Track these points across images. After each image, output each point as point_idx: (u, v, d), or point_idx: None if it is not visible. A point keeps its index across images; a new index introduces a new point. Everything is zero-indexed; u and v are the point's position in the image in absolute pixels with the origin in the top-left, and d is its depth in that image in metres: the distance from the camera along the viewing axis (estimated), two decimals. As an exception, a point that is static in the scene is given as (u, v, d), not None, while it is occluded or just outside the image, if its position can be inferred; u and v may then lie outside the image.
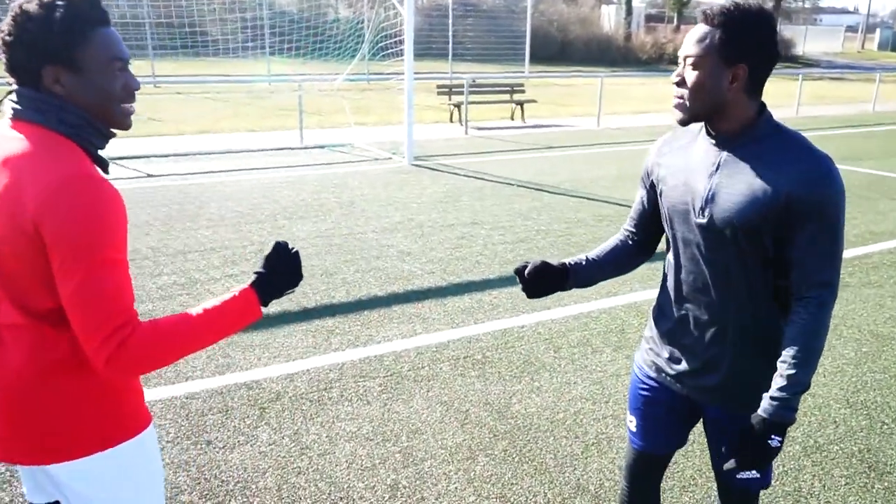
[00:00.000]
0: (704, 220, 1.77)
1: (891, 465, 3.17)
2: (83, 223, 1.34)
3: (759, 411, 1.68)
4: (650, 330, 2.07)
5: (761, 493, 2.05)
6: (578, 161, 10.63)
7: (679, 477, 3.06)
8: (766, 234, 1.71)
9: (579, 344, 4.33)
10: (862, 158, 11.18)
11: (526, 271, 1.94)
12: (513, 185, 8.75)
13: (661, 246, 2.07)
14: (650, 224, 2.04)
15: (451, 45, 24.22)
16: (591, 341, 4.37)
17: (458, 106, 14.23)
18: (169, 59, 20.57)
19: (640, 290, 5.24)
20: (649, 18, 42.83)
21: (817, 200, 1.64)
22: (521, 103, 14.85)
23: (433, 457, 3.17)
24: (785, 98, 19.74)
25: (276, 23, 21.64)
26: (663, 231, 2.01)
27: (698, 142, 1.83)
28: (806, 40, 42.63)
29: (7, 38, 1.42)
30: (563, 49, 32.80)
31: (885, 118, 16.76)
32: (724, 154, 1.76)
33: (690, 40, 1.72)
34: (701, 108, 1.72)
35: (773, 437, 1.66)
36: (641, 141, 12.65)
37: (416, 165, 9.87)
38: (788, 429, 1.76)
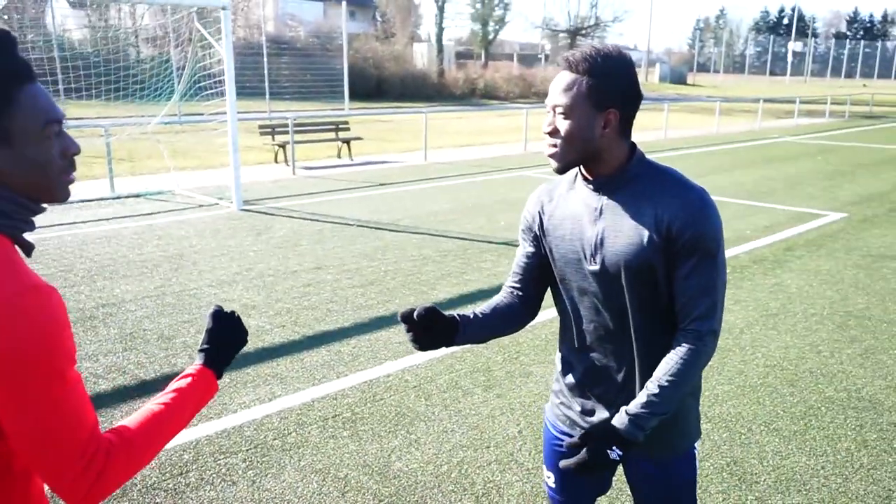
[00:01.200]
0: (597, 267, 1.74)
1: (756, 473, 3.34)
2: (31, 348, 1.08)
3: (613, 420, 1.68)
4: (557, 383, 2.00)
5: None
6: (412, 197, 10.67)
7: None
8: (659, 272, 1.69)
9: (449, 388, 4.22)
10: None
11: (415, 314, 1.69)
12: (352, 225, 8.56)
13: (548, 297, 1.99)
14: (537, 278, 1.93)
15: (267, 83, 23.65)
16: (460, 383, 4.28)
17: (282, 146, 13.82)
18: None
19: (497, 324, 5.24)
20: (459, 55, 44.74)
21: (695, 234, 1.65)
22: (347, 141, 14.72)
23: (317, 536, 2.89)
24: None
25: (69, 63, 19.93)
26: (549, 284, 1.94)
27: (577, 188, 1.81)
28: (598, 74, 46.71)
29: None
30: (379, 85, 33.26)
31: (676, 143, 18.61)
32: (604, 199, 1.74)
33: (557, 89, 1.69)
34: (576, 155, 1.70)
35: (614, 448, 1.66)
36: (469, 174, 13.00)
37: (246, 210, 9.38)
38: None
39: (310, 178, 12.32)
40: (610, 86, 1.66)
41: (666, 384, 1.65)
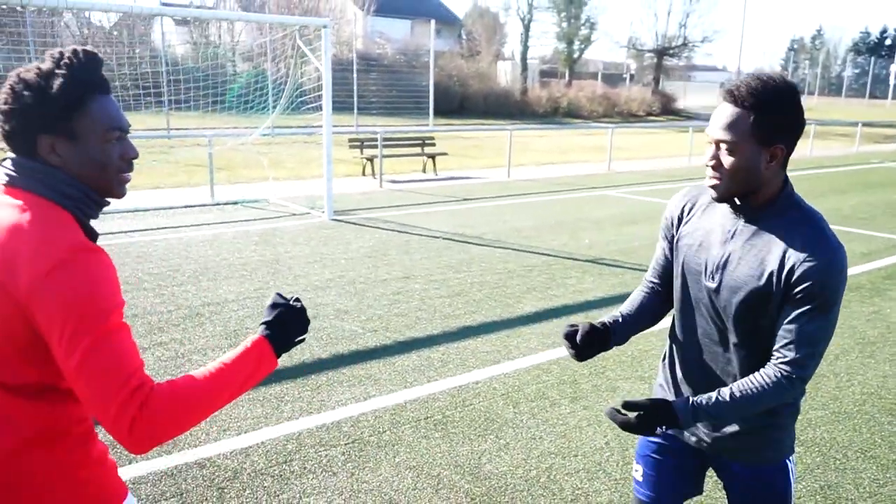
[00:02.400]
0: (714, 285, 1.82)
1: (852, 499, 3.29)
2: (84, 295, 1.28)
3: (673, 402, 1.73)
4: (662, 378, 2.09)
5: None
6: (495, 212, 10.81)
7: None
8: (770, 307, 1.74)
9: (536, 397, 4.31)
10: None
11: (578, 337, 1.88)
12: (438, 237, 8.77)
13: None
14: (671, 271, 2.02)
15: (356, 98, 24.37)
16: (548, 394, 4.37)
17: (370, 159, 14.25)
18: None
19: (583, 339, 5.30)
20: (543, 74, 44.82)
21: (816, 285, 1.65)
22: (432, 156, 15.04)
23: (413, 528, 3.04)
24: (676, 149, 21.01)
25: (172, 77, 21.10)
26: None
27: (718, 205, 1.86)
28: (685, 95, 45.80)
29: (3, 106, 1.36)
30: (462, 102, 33.69)
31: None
32: (741, 223, 1.79)
33: (720, 123, 1.68)
34: (738, 188, 1.73)
35: (662, 427, 1.71)
36: (552, 192, 13.05)
37: (337, 220, 9.74)
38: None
39: (396, 191, 12.65)
40: (778, 122, 1.66)
41: (738, 396, 1.70)
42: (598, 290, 6.61)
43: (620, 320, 2.00)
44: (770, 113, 1.65)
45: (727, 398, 1.71)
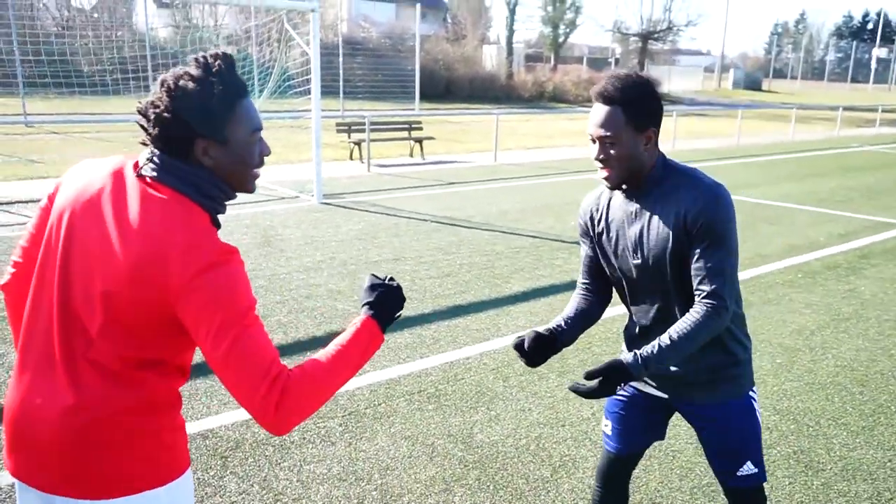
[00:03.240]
0: (640, 261, 2.06)
1: (823, 462, 3.49)
2: (228, 294, 1.42)
3: (623, 357, 1.89)
4: (626, 345, 2.28)
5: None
6: (482, 196, 10.95)
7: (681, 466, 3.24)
8: (683, 258, 1.97)
9: (525, 372, 4.48)
10: (740, 187, 12.19)
11: (526, 345, 2.09)
12: (427, 220, 8.91)
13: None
14: (601, 272, 2.25)
15: (341, 83, 24.33)
16: (536, 368, 4.53)
17: (358, 143, 14.32)
18: (39, 96, 19.42)
19: (569, 317, 5.48)
20: (529, 58, 44.84)
21: (705, 221, 1.91)
22: (419, 140, 15.13)
23: (410, 491, 3.20)
24: (663, 133, 21.18)
25: (159, 60, 20.98)
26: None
27: (615, 195, 2.12)
28: (670, 80, 45.99)
29: (164, 114, 1.47)
30: (448, 86, 33.69)
31: (749, 150, 18.36)
32: (635, 204, 2.05)
33: (597, 123, 1.96)
34: (628, 174, 1.99)
35: (621, 383, 1.89)
36: (538, 175, 13.21)
37: (326, 203, 9.85)
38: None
39: (384, 175, 12.75)
40: (645, 109, 1.96)
41: (676, 338, 1.89)
42: (583, 270, 6.78)
43: (563, 326, 2.20)
44: (638, 105, 1.93)
45: (668, 342, 1.89)
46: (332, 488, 3.20)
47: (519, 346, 2.10)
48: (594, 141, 1.99)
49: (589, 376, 1.89)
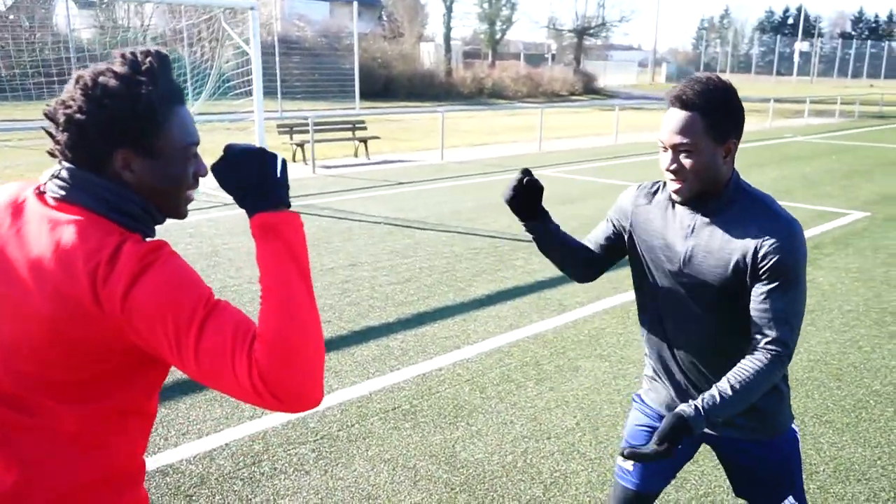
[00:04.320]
0: (684, 280, 1.86)
1: (815, 464, 3.42)
2: (173, 292, 1.16)
3: (682, 410, 1.65)
4: (650, 369, 2.10)
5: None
6: (433, 195, 10.74)
7: None
8: (742, 294, 1.78)
9: (501, 381, 4.30)
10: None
11: (526, 179, 1.93)
12: (380, 223, 8.65)
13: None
14: (610, 254, 2.10)
15: (279, 83, 23.74)
16: (512, 377, 4.36)
17: (301, 145, 13.91)
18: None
19: (538, 320, 5.33)
20: (466, 55, 44.79)
21: (778, 261, 1.71)
22: (364, 140, 14.81)
23: (396, 523, 2.97)
24: (603, 128, 21.42)
25: (86, 63, 20.00)
26: (612, 262, 2.11)
27: (671, 202, 1.92)
28: (605, 74, 46.74)
29: (77, 115, 1.18)
30: (387, 85, 33.32)
31: (688, 143, 18.65)
32: (699, 217, 1.85)
33: (673, 129, 1.75)
34: (702, 187, 1.79)
35: (678, 439, 1.63)
36: (487, 173, 13.07)
37: (273, 208, 9.45)
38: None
39: (330, 177, 12.40)
40: (728, 120, 1.75)
41: (739, 388, 1.69)
42: (546, 270, 6.64)
43: (558, 226, 2.05)
44: (719, 112, 1.73)
45: (729, 392, 1.69)
46: (310, 524, 2.95)
47: (523, 178, 1.93)
48: (666, 149, 1.78)
49: (655, 441, 1.65)
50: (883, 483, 3.26)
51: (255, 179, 1.23)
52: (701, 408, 1.67)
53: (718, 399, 1.69)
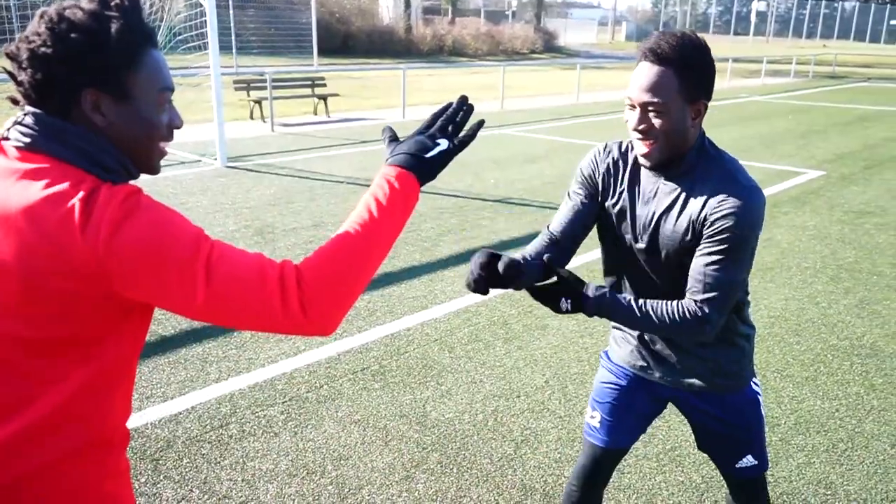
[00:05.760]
0: (643, 245, 1.81)
1: (776, 416, 3.52)
2: (165, 232, 1.09)
3: (585, 285, 1.69)
4: (617, 328, 2.08)
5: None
6: (397, 154, 10.59)
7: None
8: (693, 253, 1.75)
9: (470, 341, 4.30)
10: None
11: (502, 265, 1.58)
12: (342, 182, 8.51)
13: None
14: (579, 230, 1.91)
15: (233, 37, 23.01)
16: (481, 336, 4.36)
17: (258, 102, 13.55)
18: None
19: (505, 279, 5.33)
20: (426, 11, 43.97)
21: (726, 230, 1.64)
22: (324, 97, 14.50)
23: (369, 482, 2.96)
24: (563, 86, 21.35)
25: (28, 13, 19.05)
26: (585, 235, 1.94)
27: (634, 165, 1.84)
28: (566, 33, 46.46)
29: (42, 49, 1.09)
30: (345, 41, 32.58)
31: (648, 102, 18.73)
32: (661, 181, 1.78)
33: (644, 86, 1.63)
34: (671, 150, 1.71)
35: (567, 299, 1.67)
36: (450, 131, 12.93)
37: (232, 167, 9.23)
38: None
39: (289, 135, 12.13)
40: (701, 78, 1.65)
41: (645, 310, 1.69)
42: (511, 230, 6.64)
43: (525, 263, 1.79)
44: (694, 69, 1.64)
45: (634, 306, 1.70)
46: (282, 486, 2.92)
47: (486, 265, 1.60)
48: (634, 107, 1.68)
49: (552, 274, 1.70)
50: (841, 434, 3.37)
51: (414, 148, 1.30)
52: (605, 291, 1.70)
53: (624, 301, 1.71)
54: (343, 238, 1.19)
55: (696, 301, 1.69)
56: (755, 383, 2.02)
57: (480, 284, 1.62)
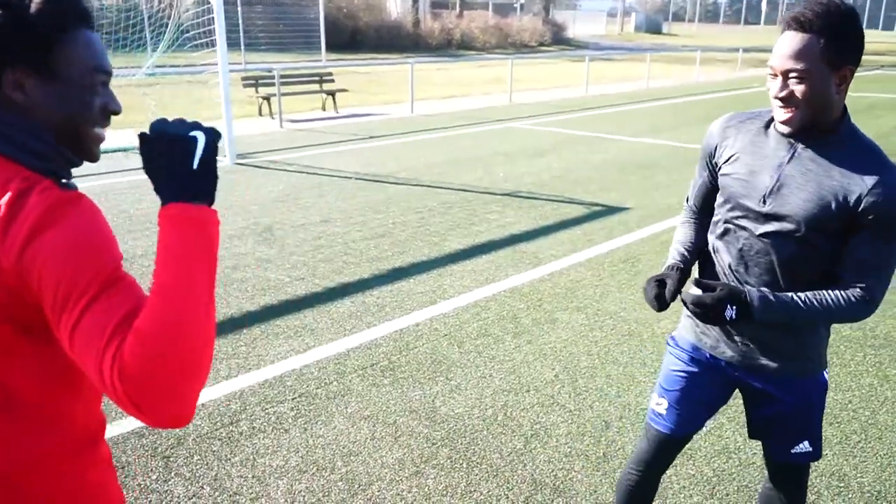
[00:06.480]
0: (765, 209, 1.77)
1: (788, 410, 3.48)
2: (75, 255, 1.01)
3: (746, 289, 1.73)
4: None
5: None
6: (404, 149, 10.59)
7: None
8: (829, 234, 1.73)
9: (479, 335, 4.29)
10: (662, 130, 12.34)
11: (668, 294, 1.84)
12: (350, 177, 8.51)
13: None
14: (713, 197, 1.99)
15: (241, 34, 23.05)
16: (490, 331, 4.35)
17: (267, 98, 13.57)
18: None
19: (514, 274, 5.32)
20: (434, 5, 43.84)
21: (885, 213, 1.66)
22: (332, 93, 14.50)
23: (379, 478, 2.96)
24: (573, 79, 21.26)
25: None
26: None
27: (769, 130, 1.82)
28: (574, 25, 46.22)
29: None
30: (353, 36, 32.57)
31: (659, 94, 18.64)
32: (799, 148, 1.75)
33: (789, 52, 1.64)
34: (814, 117, 1.69)
35: (733, 307, 1.70)
36: (457, 126, 12.92)
37: (240, 164, 9.25)
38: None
39: (298, 131, 12.15)
40: (846, 44, 1.64)
41: (811, 303, 1.70)
42: (520, 223, 6.62)
43: (688, 257, 1.98)
44: (838, 36, 1.62)
45: (801, 301, 1.70)
46: (292, 482, 2.93)
47: (660, 296, 1.84)
48: (776, 75, 1.67)
49: (701, 286, 1.68)
50: (854, 426, 3.34)
51: (175, 167, 1.07)
52: (767, 292, 1.68)
53: (789, 298, 1.69)
54: (165, 298, 1.00)
55: (857, 286, 1.71)
56: (825, 373, 1.98)
57: (662, 305, 1.85)
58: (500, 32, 38.50)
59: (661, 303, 1.85)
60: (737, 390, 2.08)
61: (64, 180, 1.15)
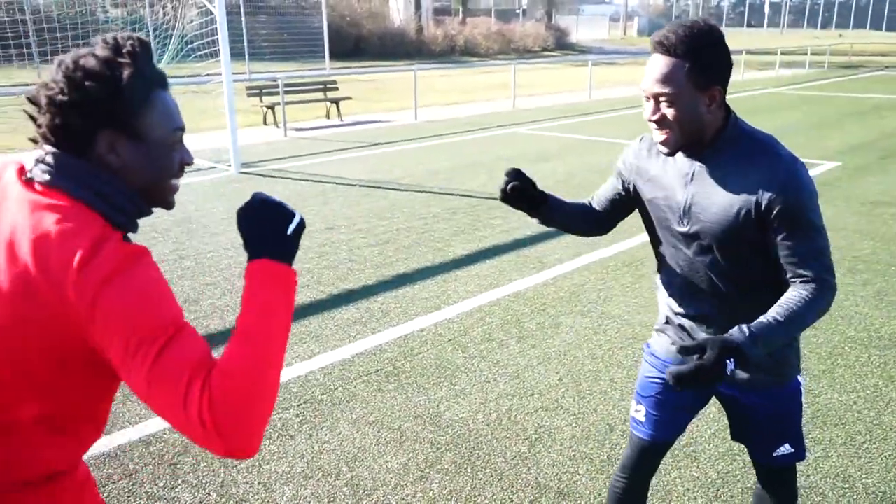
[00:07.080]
0: (685, 229, 1.82)
1: (792, 411, 3.48)
2: (141, 305, 1.12)
3: (728, 335, 1.60)
4: (664, 318, 2.05)
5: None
6: (408, 156, 10.63)
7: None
8: (749, 238, 1.73)
9: (483, 340, 4.30)
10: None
11: (509, 186, 1.93)
12: (355, 185, 8.55)
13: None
14: (617, 212, 2.11)
15: (245, 44, 23.17)
16: (494, 335, 4.37)
17: (271, 107, 13.64)
18: None
19: (518, 279, 5.33)
20: (437, 12, 44.01)
21: (785, 206, 1.65)
22: (336, 101, 14.56)
23: (384, 483, 2.98)
24: (576, 84, 21.28)
25: (43, 25, 19.33)
26: (621, 218, 2.13)
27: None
28: (577, 30, 46.29)
29: (60, 96, 1.16)
30: (357, 44, 32.69)
31: (661, 97, 18.63)
32: (696, 165, 1.79)
33: (654, 77, 1.68)
34: (688, 137, 1.73)
35: (730, 359, 1.57)
36: (461, 132, 12.95)
37: (245, 173, 9.31)
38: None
39: (302, 140, 12.20)
40: (712, 65, 1.66)
41: (784, 319, 1.65)
42: (525, 228, 6.63)
43: (557, 199, 2.06)
44: (704, 58, 1.65)
45: (777, 321, 1.64)
46: (298, 487, 2.94)
47: (511, 180, 1.94)
48: (648, 98, 1.71)
49: (687, 351, 1.56)
50: (859, 427, 3.34)
51: (268, 231, 1.25)
52: (749, 329, 1.59)
53: (767, 324, 1.62)
54: (243, 346, 1.13)
55: (806, 280, 1.69)
56: (800, 377, 1.99)
57: (507, 200, 1.95)
58: (502, 38, 38.58)
59: (508, 185, 1.93)
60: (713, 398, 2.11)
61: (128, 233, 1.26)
